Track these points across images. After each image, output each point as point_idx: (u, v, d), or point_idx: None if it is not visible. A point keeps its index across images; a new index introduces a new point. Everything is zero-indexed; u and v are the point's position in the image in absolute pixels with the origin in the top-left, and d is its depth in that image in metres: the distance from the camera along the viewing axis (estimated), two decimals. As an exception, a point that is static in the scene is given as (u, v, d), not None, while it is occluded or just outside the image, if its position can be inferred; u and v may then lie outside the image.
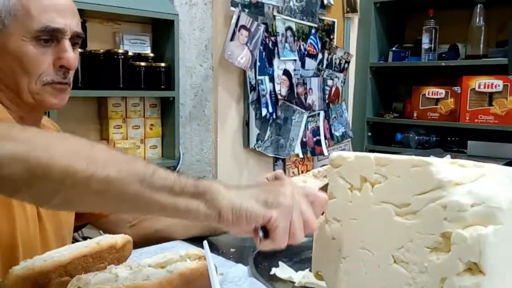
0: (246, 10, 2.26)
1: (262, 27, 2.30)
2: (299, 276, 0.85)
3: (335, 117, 2.76)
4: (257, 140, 2.37)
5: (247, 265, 0.89)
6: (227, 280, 0.85)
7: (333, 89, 2.75)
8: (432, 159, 0.65)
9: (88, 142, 0.61)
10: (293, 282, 0.84)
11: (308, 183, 0.95)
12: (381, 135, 2.91)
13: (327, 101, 2.72)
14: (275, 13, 2.41)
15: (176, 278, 0.70)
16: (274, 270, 0.87)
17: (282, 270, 0.87)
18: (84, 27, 1.92)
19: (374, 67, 2.85)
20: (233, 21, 2.19)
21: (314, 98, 2.63)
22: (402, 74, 2.87)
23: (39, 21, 0.86)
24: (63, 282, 0.72)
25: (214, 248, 1.03)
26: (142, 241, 1.04)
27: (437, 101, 2.61)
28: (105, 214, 1.09)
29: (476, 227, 0.60)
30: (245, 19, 2.23)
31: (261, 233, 0.64)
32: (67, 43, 0.90)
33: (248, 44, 2.25)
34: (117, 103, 2.05)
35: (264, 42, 2.36)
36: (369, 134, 2.90)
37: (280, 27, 2.43)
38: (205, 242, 0.71)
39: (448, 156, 1.48)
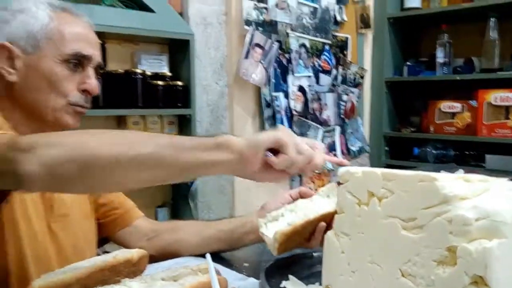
0: (260, 29, 2.31)
1: (276, 45, 2.34)
2: (309, 290, 0.86)
3: (351, 132, 2.77)
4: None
5: (259, 280, 0.91)
6: (240, 294, 0.87)
7: (349, 104, 2.76)
8: (438, 174, 0.66)
9: (118, 131, 0.73)
10: (303, 296, 0.85)
11: (315, 201, 0.95)
12: (398, 150, 2.90)
13: (342, 116, 2.73)
14: (288, 30, 2.45)
15: (188, 291, 0.72)
16: (284, 283, 0.88)
17: (292, 284, 0.88)
18: (103, 48, 1.99)
19: (389, 81, 2.86)
20: (247, 39, 2.23)
21: (329, 113, 2.64)
22: (418, 88, 2.87)
23: (72, 46, 0.94)
24: (82, 295, 0.75)
25: (228, 263, 1.05)
26: (159, 254, 1.07)
27: (453, 115, 2.60)
28: (123, 225, 1.13)
29: (481, 240, 0.60)
30: (259, 37, 2.27)
31: (270, 154, 0.75)
32: (91, 71, 0.98)
33: (262, 62, 2.29)
34: (136, 121, 2.10)
35: (278, 59, 2.40)
36: (386, 148, 2.89)
37: (293, 44, 2.47)
38: (208, 255, 0.75)
39: (461, 170, 1.46)
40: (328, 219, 0.91)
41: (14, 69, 0.93)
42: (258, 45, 2.27)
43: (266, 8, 2.34)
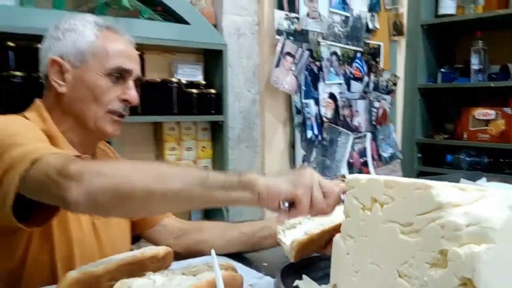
0: (291, 38, 2.37)
1: (306, 53, 2.40)
2: (320, 290, 0.91)
3: (383, 138, 2.79)
4: (303, 161, 2.45)
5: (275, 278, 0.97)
6: (254, 290, 0.94)
7: (380, 111, 2.78)
8: (434, 183, 0.71)
9: (153, 165, 0.84)
10: (314, 295, 0.91)
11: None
12: (431, 157, 2.88)
13: (374, 123, 2.75)
14: (319, 39, 2.50)
15: (203, 285, 0.79)
16: (297, 282, 0.93)
17: (305, 283, 0.94)
18: (142, 59, 2.12)
19: (422, 88, 2.85)
20: (278, 48, 2.30)
21: (360, 120, 2.67)
22: (452, 95, 2.85)
23: (114, 62, 1.05)
24: (111, 286, 0.83)
25: (248, 262, 1.12)
26: (185, 252, 1.14)
27: (487, 122, 2.57)
28: (152, 224, 1.21)
29: (470, 245, 0.64)
30: (290, 46, 2.34)
31: (286, 205, 0.82)
32: (131, 83, 1.08)
33: (293, 70, 2.35)
34: (172, 127, 2.21)
35: (309, 67, 2.45)
36: (419, 155, 2.88)
37: (324, 52, 2.52)
38: (212, 251, 0.79)
39: (484, 178, 1.48)
40: None
41: (64, 81, 1.04)
42: (289, 53, 2.34)
43: (297, 18, 2.40)
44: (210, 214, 2.29)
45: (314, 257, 1.09)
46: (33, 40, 1.66)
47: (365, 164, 2.69)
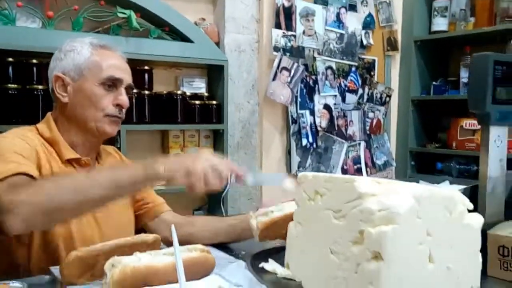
0: (288, 54, 2.56)
1: (301, 68, 2.58)
2: (281, 270, 1.08)
3: (377, 146, 2.94)
4: (298, 167, 2.62)
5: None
6: (227, 271, 1.11)
7: (375, 121, 2.93)
8: (358, 177, 0.89)
9: (72, 179, 1.04)
10: (276, 274, 1.08)
11: None
12: (424, 165, 3.02)
13: (368, 132, 2.91)
14: (315, 55, 2.67)
15: (178, 262, 0.97)
16: (262, 264, 1.10)
17: (270, 265, 1.10)
18: (151, 73, 2.34)
19: (415, 100, 3.00)
20: (275, 63, 2.49)
21: (354, 129, 2.83)
22: (444, 106, 2.99)
23: (107, 72, 1.24)
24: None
25: (229, 250, 1.29)
26: (179, 243, 1.32)
27: (473, 132, 2.71)
28: (154, 215, 1.38)
29: (381, 226, 0.81)
30: (286, 62, 2.53)
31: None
32: (123, 90, 1.27)
33: (289, 83, 2.54)
34: (177, 135, 2.42)
35: (304, 80, 2.63)
36: (412, 163, 3.03)
37: (320, 66, 2.69)
38: (172, 226, 0.96)
39: (447, 182, 1.63)
40: None
41: (66, 93, 1.24)
42: (285, 68, 2.53)
43: (294, 36, 2.59)
44: (211, 211, 2.48)
45: (284, 247, 1.25)
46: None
47: (359, 170, 2.85)
